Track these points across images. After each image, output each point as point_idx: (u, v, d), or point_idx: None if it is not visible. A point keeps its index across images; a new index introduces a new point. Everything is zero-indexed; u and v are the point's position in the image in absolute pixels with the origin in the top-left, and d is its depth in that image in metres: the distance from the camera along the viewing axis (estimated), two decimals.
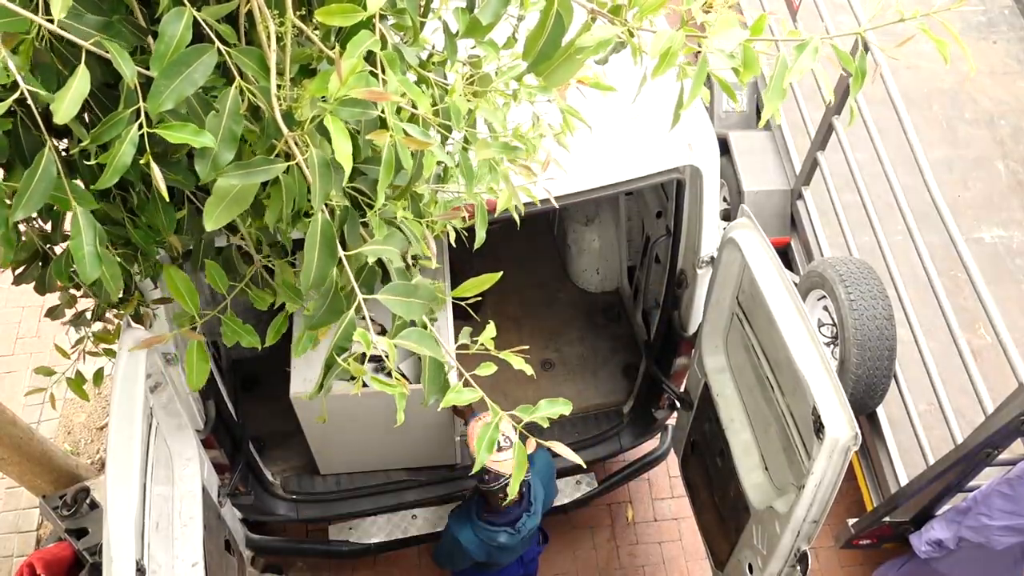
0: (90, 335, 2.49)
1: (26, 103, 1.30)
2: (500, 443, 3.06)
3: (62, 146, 1.70)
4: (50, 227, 1.94)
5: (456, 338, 2.09)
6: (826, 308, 4.15)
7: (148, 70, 1.35)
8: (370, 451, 4.14)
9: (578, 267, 5.08)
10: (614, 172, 3.13)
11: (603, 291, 5.11)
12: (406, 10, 1.61)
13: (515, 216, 2.18)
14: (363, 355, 1.58)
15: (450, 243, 2.16)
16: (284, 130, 1.42)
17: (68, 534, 4.03)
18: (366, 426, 3.76)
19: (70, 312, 2.36)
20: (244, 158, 1.49)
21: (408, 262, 2.00)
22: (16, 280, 2.06)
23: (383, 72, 1.45)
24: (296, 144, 1.44)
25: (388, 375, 1.66)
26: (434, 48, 1.89)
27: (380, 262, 1.76)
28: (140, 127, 1.35)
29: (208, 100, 1.44)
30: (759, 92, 5.48)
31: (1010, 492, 3.33)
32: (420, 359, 1.71)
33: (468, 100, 1.76)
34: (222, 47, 1.38)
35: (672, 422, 4.41)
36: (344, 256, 1.53)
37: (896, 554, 4.19)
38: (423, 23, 1.74)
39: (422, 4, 1.77)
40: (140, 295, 2.45)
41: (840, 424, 2.59)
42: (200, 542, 3.02)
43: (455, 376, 1.71)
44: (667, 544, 4.92)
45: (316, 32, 1.54)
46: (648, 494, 5.08)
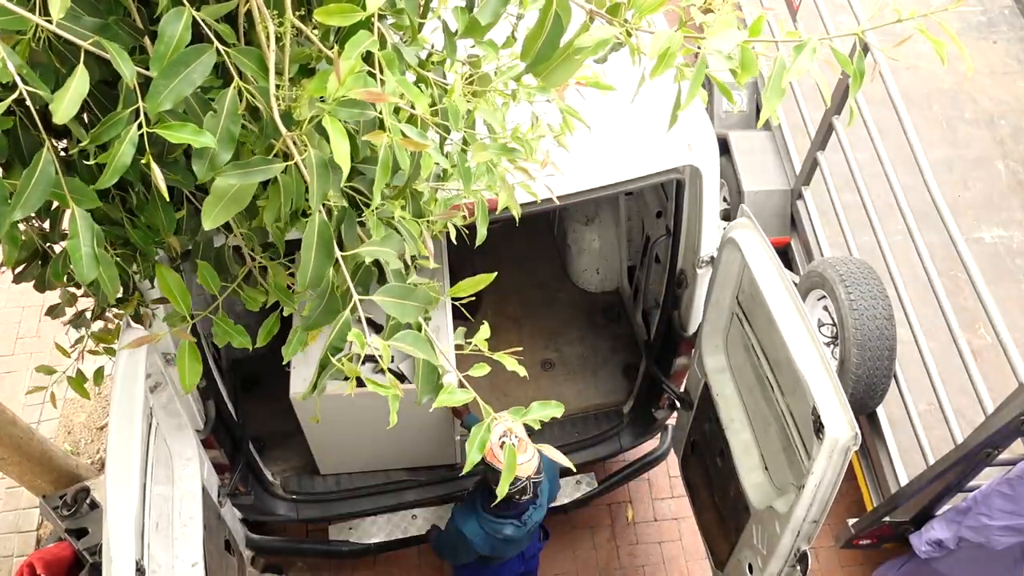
0: (90, 335, 2.49)
1: (25, 103, 1.30)
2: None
3: (61, 146, 1.70)
4: (48, 226, 1.94)
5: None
6: (826, 308, 4.15)
7: (147, 70, 1.35)
8: (370, 451, 4.15)
9: (578, 267, 5.08)
10: (614, 172, 3.13)
11: (603, 291, 5.11)
12: (405, 10, 1.61)
13: (514, 213, 2.18)
14: (358, 355, 1.58)
15: (450, 241, 2.16)
16: (283, 130, 1.42)
17: (68, 534, 4.03)
18: (365, 426, 3.76)
19: (70, 311, 2.36)
20: (243, 158, 1.49)
21: (406, 262, 2.00)
22: (16, 278, 2.06)
23: (381, 72, 1.45)
24: (294, 144, 1.44)
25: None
26: (433, 48, 1.88)
27: (377, 262, 1.75)
28: (139, 127, 1.35)
29: (207, 100, 1.44)
30: (759, 92, 5.47)
31: (1010, 492, 3.33)
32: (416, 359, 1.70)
33: (467, 100, 1.76)
34: (221, 47, 1.38)
35: (672, 422, 4.41)
36: (341, 256, 1.53)
37: (896, 554, 4.19)
38: (422, 23, 1.74)
39: (421, 4, 1.77)
40: (140, 295, 2.45)
41: (840, 424, 2.59)
42: (200, 542, 3.02)
43: (452, 377, 1.71)
44: (667, 544, 4.92)
45: (315, 32, 1.53)
46: (648, 494, 5.08)
